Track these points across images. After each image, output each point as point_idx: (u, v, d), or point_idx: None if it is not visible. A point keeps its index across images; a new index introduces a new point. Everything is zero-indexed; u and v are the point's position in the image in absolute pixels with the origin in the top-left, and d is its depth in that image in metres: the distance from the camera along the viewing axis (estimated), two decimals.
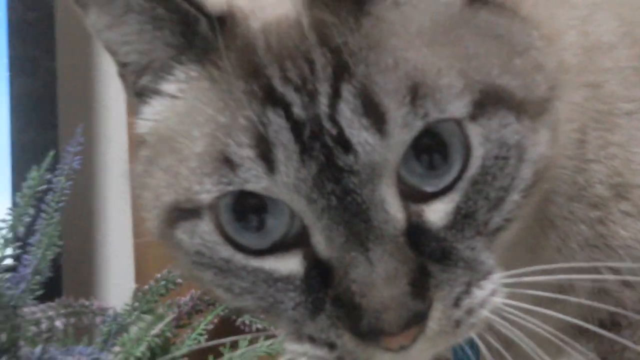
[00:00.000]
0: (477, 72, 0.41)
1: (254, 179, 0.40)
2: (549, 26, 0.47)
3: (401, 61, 0.40)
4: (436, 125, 0.39)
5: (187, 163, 0.42)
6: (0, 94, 1.05)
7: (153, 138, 0.46)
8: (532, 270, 0.46)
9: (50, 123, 1.06)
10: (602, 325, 0.53)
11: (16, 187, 0.98)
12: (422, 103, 0.39)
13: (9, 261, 0.82)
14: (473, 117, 0.40)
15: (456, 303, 0.41)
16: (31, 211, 0.80)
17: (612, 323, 0.54)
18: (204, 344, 0.96)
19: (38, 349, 0.66)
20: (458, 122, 0.40)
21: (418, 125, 0.38)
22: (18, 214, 0.78)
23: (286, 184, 0.39)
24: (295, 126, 0.39)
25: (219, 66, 0.42)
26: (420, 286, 0.39)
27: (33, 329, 0.73)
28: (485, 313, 0.42)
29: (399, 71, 0.39)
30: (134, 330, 0.76)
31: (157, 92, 0.46)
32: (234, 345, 0.98)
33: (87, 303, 0.77)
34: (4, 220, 0.80)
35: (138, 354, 0.69)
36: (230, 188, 0.40)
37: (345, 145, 0.38)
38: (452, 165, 0.40)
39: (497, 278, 0.42)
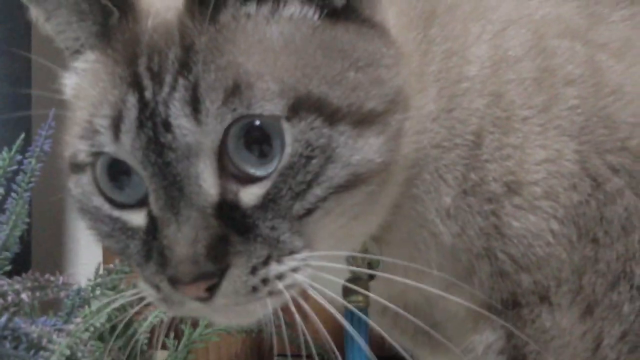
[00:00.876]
0: (297, 81, 0.47)
1: (107, 144, 0.48)
2: (412, 46, 0.54)
3: (231, 64, 0.47)
4: (257, 119, 0.46)
5: (75, 126, 0.52)
6: None
7: (69, 104, 0.56)
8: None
9: (23, 105, 1.10)
10: (504, 304, 0.60)
11: None
12: (234, 100, 0.46)
13: None
14: (288, 118, 0.46)
15: (252, 271, 0.47)
16: (1, 190, 0.85)
17: (514, 303, 0.60)
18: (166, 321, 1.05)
19: (3, 319, 0.71)
20: (277, 120, 0.46)
21: (228, 118, 0.46)
22: None
23: (126, 150, 0.48)
24: (143, 107, 0.47)
25: (109, 53, 0.50)
26: (218, 251, 0.46)
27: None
28: (280, 285, 0.48)
29: (226, 72, 0.47)
30: (95, 303, 0.83)
31: (72, 69, 0.55)
32: (195, 324, 1.04)
33: (52, 278, 0.81)
34: None
35: (97, 324, 0.75)
36: (94, 149, 0.50)
37: (167, 126, 0.46)
38: (275, 157, 0.47)
39: (301, 257, 0.49)
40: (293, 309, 0.51)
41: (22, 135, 0.89)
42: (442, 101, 0.56)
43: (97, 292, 0.91)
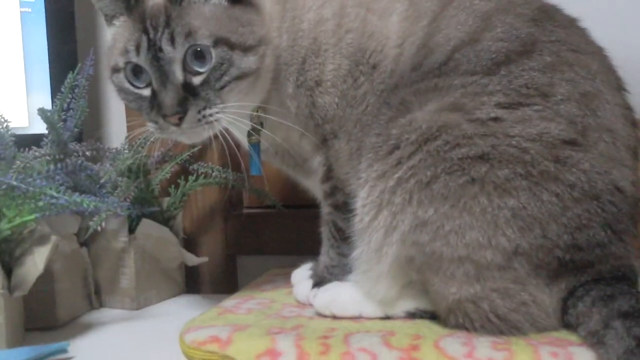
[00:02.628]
0: (217, 31, 0.90)
1: (133, 57, 0.92)
2: (276, 14, 1.00)
3: (187, 23, 0.90)
4: (199, 47, 0.90)
5: (117, 50, 0.95)
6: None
7: (111, 42, 0.99)
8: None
9: (71, 43, 1.52)
10: (322, 142, 1.06)
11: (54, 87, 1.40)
12: (189, 39, 0.89)
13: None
14: (213, 46, 0.90)
15: (199, 111, 0.91)
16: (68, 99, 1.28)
17: (324, 139, 1.04)
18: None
19: (79, 161, 1.27)
20: (207, 47, 0.90)
21: (185, 45, 0.89)
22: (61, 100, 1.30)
23: (142, 60, 0.91)
24: (149, 41, 0.90)
25: (131, 18, 0.94)
26: (183, 103, 0.90)
27: None
28: (211, 119, 0.91)
29: (185, 26, 0.89)
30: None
31: (114, 24, 0.98)
32: (187, 178, 1.43)
33: (100, 145, 1.30)
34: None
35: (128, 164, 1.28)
36: (126, 60, 0.93)
37: (160, 49, 0.90)
38: (207, 63, 0.90)
39: (219, 107, 0.92)
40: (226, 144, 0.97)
41: (79, 65, 1.32)
42: (290, 41, 1.02)
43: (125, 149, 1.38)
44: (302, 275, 1.19)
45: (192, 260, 1.41)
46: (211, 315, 1.09)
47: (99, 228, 1.22)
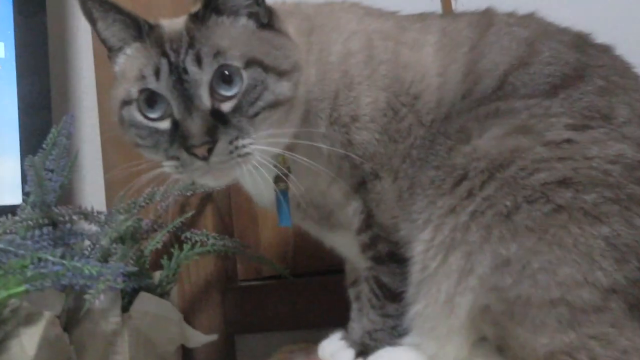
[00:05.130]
0: (248, 51, 0.82)
1: (151, 83, 0.81)
2: (303, 46, 0.90)
3: (215, 43, 0.81)
4: (229, 68, 0.80)
5: (129, 80, 0.84)
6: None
7: (118, 73, 0.88)
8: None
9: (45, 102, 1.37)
10: (359, 185, 0.95)
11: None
12: (217, 58, 0.80)
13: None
14: (244, 67, 0.81)
15: (230, 142, 0.79)
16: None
17: (362, 182, 0.93)
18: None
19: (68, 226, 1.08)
20: (238, 69, 0.81)
21: (214, 65, 0.80)
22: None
23: (162, 85, 0.81)
24: (170, 65, 0.81)
25: (146, 44, 0.84)
26: (212, 132, 0.78)
27: None
28: (245, 150, 0.80)
29: (213, 47, 0.81)
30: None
31: (123, 52, 0.88)
32: (181, 247, 1.27)
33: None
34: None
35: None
36: (142, 87, 0.82)
37: (185, 71, 0.80)
38: (235, 87, 0.81)
39: (253, 137, 0.81)
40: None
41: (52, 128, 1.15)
42: (319, 75, 0.93)
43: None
44: (335, 346, 1.03)
45: (198, 339, 1.21)
46: None
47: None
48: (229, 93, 0.81)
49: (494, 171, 0.79)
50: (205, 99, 0.81)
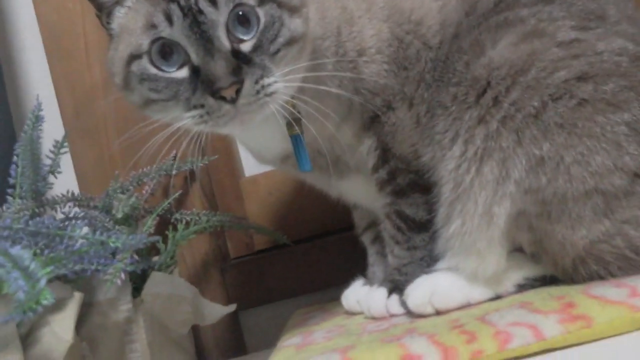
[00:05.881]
0: None
1: (164, 30, 0.76)
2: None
3: None
4: (244, 7, 0.78)
5: (134, 32, 0.79)
6: None
7: (118, 30, 0.82)
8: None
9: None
10: (371, 119, 0.94)
11: None
12: None
13: None
14: (259, 5, 0.79)
15: (256, 81, 0.77)
16: None
17: (375, 117, 0.93)
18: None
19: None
20: (252, 7, 0.78)
21: (230, 5, 0.77)
22: None
23: (177, 30, 0.76)
24: (181, 8, 0.75)
25: None
26: (237, 72, 0.76)
27: None
28: (271, 89, 0.78)
29: None
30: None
31: (121, 4, 0.81)
32: (175, 228, 1.24)
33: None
34: None
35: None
36: (154, 37, 0.77)
37: (200, 12, 0.75)
38: (252, 27, 0.79)
39: (275, 76, 0.79)
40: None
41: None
42: (318, 13, 0.92)
43: None
44: (362, 291, 1.02)
45: (215, 313, 1.16)
46: (288, 354, 0.87)
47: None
48: (246, 36, 0.79)
49: (516, 76, 0.81)
50: (224, 40, 0.78)
